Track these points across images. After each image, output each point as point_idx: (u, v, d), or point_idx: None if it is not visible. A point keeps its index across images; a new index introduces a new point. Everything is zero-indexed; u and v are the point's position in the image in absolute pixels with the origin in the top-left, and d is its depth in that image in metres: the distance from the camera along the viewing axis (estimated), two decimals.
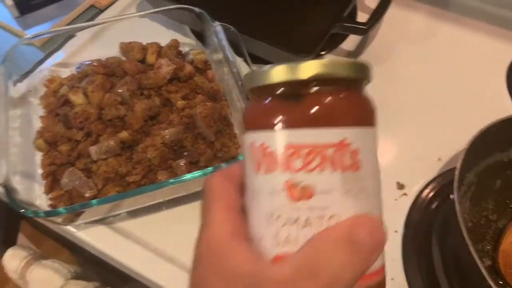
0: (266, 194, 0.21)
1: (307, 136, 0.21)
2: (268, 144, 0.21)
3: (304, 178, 0.21)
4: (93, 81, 0.49)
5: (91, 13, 0.64)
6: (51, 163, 0.45)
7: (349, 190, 0.21)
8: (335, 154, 0.21)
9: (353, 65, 0.22)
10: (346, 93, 0.22)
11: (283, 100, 0.22)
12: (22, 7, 0.60)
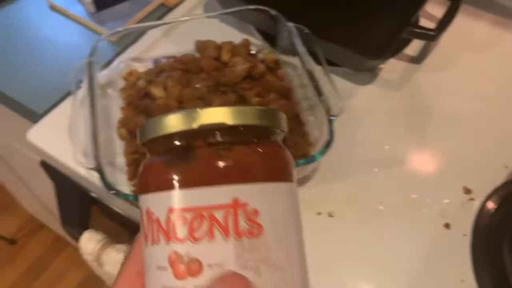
0: (154, 270, 0.18)
1: (191, 198, 0.18)
2: (152, 210, 0.18)
3: (189, 249, 0.17)
4: (171, 76, 0.52)
5: (161, 11, 0.66)
6: (134, 151, 0.48)
7: (247, 262, 0.17)
8: (227, 218, 0.17)
9: (257, 112, 0.19)
10: (244, 144, 0.19)
11: (166, 156, 0.19)
12: (99, 3, 0.63)
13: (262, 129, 0.19)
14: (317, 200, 0.48)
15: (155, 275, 0.18)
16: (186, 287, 0.17)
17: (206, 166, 0.18)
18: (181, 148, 0.19)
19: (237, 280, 0.17)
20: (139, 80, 0.55)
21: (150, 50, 0.61)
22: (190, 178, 0.18)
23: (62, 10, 0.66)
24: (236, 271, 0.17)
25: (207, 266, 0.17)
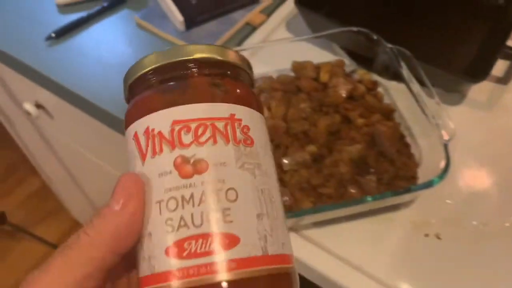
0: (156, 179, 0.20)
1: (194, 111, 0.20)
2: (153, 127, 0.20)
3: (196, 152, 0.20)
4: (272, 97, 0.53)
5: (246, 30, 0.68)
6: None
7: (245, 163, 0.20)
8: (226, 127, 0.20)
9: (238, 56, 0.23)
10: (230, 77, 0.22)
11: (166, 82, 0.21)
12: (189, 23, 0.65)
13: (242, 70, 0.23)
14: (424, 222, 0.49)
15: (158, 183, 0.20)
16: (194, 184, 0.19)
17: (206, 88, 0.21)
18: (176, 78, 0.21)
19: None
20: None
21: None
22: (193, 96, 0.21)
23: (149, 28, 0.68)
24: (237, 169, 0.20)
25: (213, 165, 0.20)
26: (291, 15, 0.71)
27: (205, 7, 0.66)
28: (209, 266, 0.18)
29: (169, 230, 0.19)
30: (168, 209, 0.19)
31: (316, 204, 0.46)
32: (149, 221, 0.20)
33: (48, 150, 0.97)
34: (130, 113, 0.22)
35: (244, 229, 0.19)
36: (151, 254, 0.19)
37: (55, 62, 0.65)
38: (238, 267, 0.19)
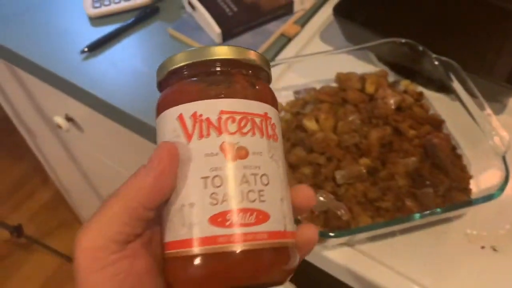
0: (201, 158, 0.23)
1: (240, 105, 0.24)
2: (201, 113, 0.23)
3: (239, 140, 0.23)
4: (320, 108, 0.53)
5: (281, 41, 0.68)
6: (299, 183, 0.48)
7: (273, 155, 0.24)
8: (262, 123, 0.24)
9: (266, 61, 0.26)
10: (261, 79, 0.26)
11: (217, 74, 0.24)
12: (225, 35, 0.65)
13: (268, 73, 0.27)
14: (478, 234, 0.48)
15: (203, 161, 0.23)
16: (236, 166, 0.23)
17: (247, 86, 0.24)
18: (222, 73, 0.24)
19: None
20: (281, 111, 0.56)
21: (278, 81, 0.62)
22: (238, 92, 0.24)
23: (183, 39, 0.67)
24: (268, 159, 0.24)
25: (252, 153, 0.23)
26: (325, 25, 0.71)
27: (241, 19, 0.65)
28: (248, 235, 0.22)
29: (214, 202, 0.22)
30: (214, 185, 0.22)
31: (374, 218, 0.46)
32: (192, 193, 0.23)
33: (71, 162, 0.96)
34: (174, 96, 0.25)
35: (273, 209, 0.23)
36: (192, 221, 0.22)
37: (89, 74, 0.64)
38: (269, 237, 0.22)
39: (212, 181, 0.22)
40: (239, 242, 0.22)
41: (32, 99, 0.82)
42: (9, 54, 0.68)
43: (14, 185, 1.65)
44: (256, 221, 0.22)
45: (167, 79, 0.26)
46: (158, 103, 0.26)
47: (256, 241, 0.22)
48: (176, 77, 0.25)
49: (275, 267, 0.23)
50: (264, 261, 0.22)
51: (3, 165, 1.70)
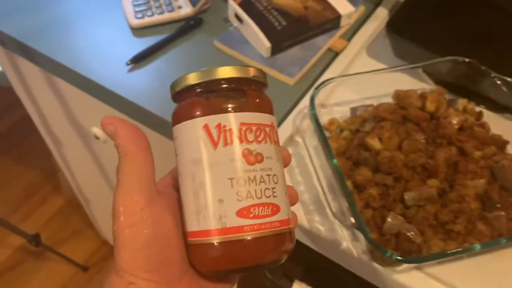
0: (227, 163, 0.27)
1: (254, 118, 0.28)
2: (224, 124, 0.27)
3: (256, 147, 0.28)
4: (382, 127, 0.52)
5: (329, 56, 0.67)
6: (366, 206, 0.47)
7: (279, 158, 0.29)
8: (270, 132, 0.29)
9: (264, 73, 0.30)
10: (264, 93, 0.30)
11: (234, 90, 0.28)
12: (274, 49, 0.64)
13: (266, 86, 0.31)
14: None
15: (229, 165, 0.27)
16: (255, 169, 0.27)
17: (258, 100, 0.29)
18: (238, 90, 0.29)
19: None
20: (339, 128, 0.55)
21: (330, 97, 0.61)
22: (252, 106, 0.28)
23: (230, 53, 0.66)
24: (276, 161, 0.29)
25: (266, 158, 0.28)
26: (370, 40, 0.70)
27: (289, 33, 0.65)
28: (267, 224, 0.27)
29: (240, 199, 0.27)
30: (239, 184, 0.27)
31: (446, 241, 0.45)
32: (220, 191, 0.27)
33: (99, 172, 0.95)
34: (198, 109, 0.28)
35: (282, 202, 0.28)
36: (222, 214, 0.27)
37: (133, 85, 0.63)
38: (281, 225, 0.28)
39: (237, 181, 0.27)
40: (260, 230, 0.27)
41: (66, 108, 0.81)
42: (49, 63, 0.67)
43: (26, 192, 1.63)
44: (271, 213, 0.27)
45: (187, 92, 0.29)
46: (177, 112, 0.29)
47: (272, 228, 0.27)
48: (196, 91, 0.29)
49: (284, 249, 0.28)
50: (279, 244, 0.28)
51: (14, 172, 1.67)
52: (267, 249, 0.28)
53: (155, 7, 0.71)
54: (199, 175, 0.28)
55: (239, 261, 0.27)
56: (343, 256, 0.48)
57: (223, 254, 0.27)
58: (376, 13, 0.74)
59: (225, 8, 0.71)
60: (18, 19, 0.70)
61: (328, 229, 0.49)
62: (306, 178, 0.53)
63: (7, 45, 0.72)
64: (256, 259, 0.28)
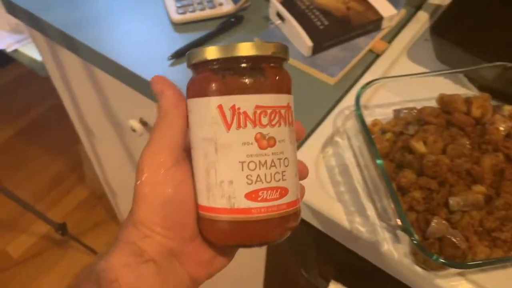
0: (239, 146, 0.27)
1: (270, 100, 0.27)
2: (239, 106, 0.27)
3: (269, 131, 0.27)
4: (426, 130, 0.51)
5: (370, 57, 0.66)
6: (409, 209, 0.47)
7: (292, 139, 0.29)
8: (286, 114, 0.28)
9: (285, 48, 0.29)
10: (283, 69, 0.29)
11: (252, 69, 0.28)
12: (316, 48, 0.64)
13: (287, 61, 0.30)
14: None
15: (241, 148, 0.27)
16: (267, 154, 0.27)
17: (275, 81, 0.28)
18: (254, 68, 0.27)
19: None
20: (381, 130, 0.55)
21: (372, 98, 0.61)
22: (269, 88, 0.27)
23: None
24: (289, 144, 0.28)
25: (278, 141, 0.28)
26: (411, 42, 0.69)
27: (331, 32, 0.65)
28: (273, 207, 0.28)
29: (249, 182, 0.27)
30: (249, 168, 0.27)
31: (492, 249, 0.44)
32: (231, 173, 0.27)
33: (130, 164, 0.96)
34: (213, 86, 0.27)
35: (291, 184, 0.29)
36: (231, 195, 0.27)
37: (174, 79, 0.64)
38: (287, 207, 0.28)
39: (248, 165, 0.27)
40: (266, 212, 0.28)
41: (104, 100, 0.82)
42: (91, 54, 0.68)
43: (52, 181, 1.66)
44: (279, 196, 0.28)
45: (203, 66, 0.28)
46: (192, 86, 0.29)
47: (279, 211, 0.28)
48: (213, 67, 0.28)
49: (289, 227, 0.29)
50: (284, 224, 0.29)
51: (42, 161, 1.71)
52: (272, 230, 0.28)
53: (197, 3, 0.71)
54: (210, 155, 0.28)
55: (243, 239, 0.29)
56: (384, 258, 0.48)
57: (229, 232, 0.28)
58: (417, 16, 0.73)
59: (265, 6, 0.71)
60: (63, 11, 0.71)
61: (369, 230, 0.48)
62: (346, 179, 0.53)
63: (50, 35, 0.73)
64: (260, 239, 0.29)
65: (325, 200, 0.51)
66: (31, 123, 1.83)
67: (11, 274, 1.43)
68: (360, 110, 0.50)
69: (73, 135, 1.18)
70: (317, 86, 0.62)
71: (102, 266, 0.26)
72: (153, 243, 0.28)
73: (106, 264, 0.26)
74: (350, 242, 0.51)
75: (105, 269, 0.26)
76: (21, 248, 1.49)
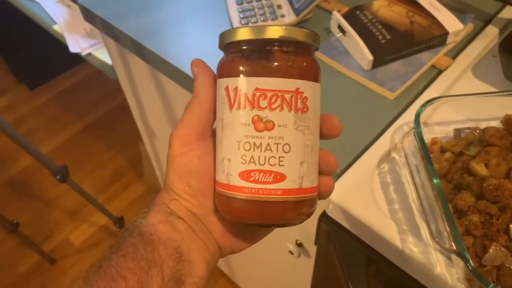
0: (238, 126, 0.28)
1: (272, 83, 0.28)
2: (240, 88, 0.28)
3: (268, 115, 0.28)
4: (489, 152, 0.50)
5: (432, 73, 0.65)
6: (465, 232, 0.46)
7: (299, 126, 0.28)
8: (291, 99, 0.28)
9: (307, 33, 0.28)
10: (301, 54, 0.29)
11: (253, 54, 0.28)
12: (376, 62, 0.63)
13: (311, 46, 0.29)
14: None
15: (239, 129, 0.28)
16: (263, 136, 0.28)
17: (283, 65, 0.28)
18: (262, 50, 0.28)
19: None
20: (440, 149, 0.54)
21: (433, 115, 0.59)
22: (272, 71, 0.28)
23: (330, 63, 0.67)
24: (293, 130, 0.28)
25: (277, 126, 0.28)
26: (477, 59, 0.67)
27: (393, 47, 0.64)
28: (265, 190, 0.28)
29: (243, 162, 0.28)
30: (244, 148, 0.28)
31: None
32: (230, 151, 0.29)
33: None
34: (223, 69, 0.29)
35: (290, 171, 0.29)
36: (229, 172, 0.29)
37: None
38: (282, 193, 0.29)
39: (243, 145, 0.28)
40: (257, 194, 0.28)
41: (166, 103, 0.86)
42: (158, 61, 0.72)
43: (113, 176, 1.76)
44: (273, 181, 0.28)
45: (226, 48, 0.30)
46: (217, 67, 0.31)
47: (271, 195, 0.28)
48: (229, 49, 0.30)
49: (288, 216, 0.29)
50: (277, 211, 0.29)
51: (105, 157, 1.81)
52: (265, 213, 0.29)
53: (259, 14, 0.73)
54: (219, 132, 0.30)
55: (237, 216, 0.30)
56: (436, 281, 0.47)
57: (225, 206, 0.30)
58: (485, 31, 0.70)
59: (326, 19, 0.71)
60: (134, 19, 0.76)
61: (422, 251, 0.48)
62: (401, 197, 0.52)
63: (121, 41, 0.78)
64: (252, 219, 0.30)
65: (378, 217, 0.50)
66: (98, 120, 1.94)
67: (72, 260, 1.53)
68: (419, 128, 0.49)
69: (135, 134, 1.24)
70: (376, 100, 0.62)
71: (143, 223, 0.31)
72: (180, 206, 0.31)
73: (144, 221, 0.31)
74: (402, 261, 0.50)
75: (145, 225, 0.30)
76: (82, 237, 1.58)
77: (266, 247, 0.83)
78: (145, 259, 0.29)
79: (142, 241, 0.29)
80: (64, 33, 1.01)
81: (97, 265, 0.29)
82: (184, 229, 0.31)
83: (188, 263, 0.30)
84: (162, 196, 0.32)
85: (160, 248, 0.29)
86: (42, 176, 1.71)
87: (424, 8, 0.68)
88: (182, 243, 0.30)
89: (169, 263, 0.29)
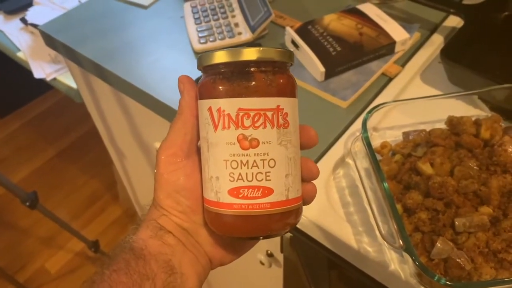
0: (224, 145, 0.29)
1: (254, 103, 0.29)
2: (224, 108, 0.29)
3: (252, 133, 0.29)
4: (434, 152, 0.52)
5: (383, 81, 0.68)
6: (415, 229, 0.48)
7: (282, 141, 0.30)
8: (273, 116, 0.29)
9: (281, 51, 0.30)
10: (278, 72, 0.30)
11: (234, 75, 0.29)
12: (328, 73, 0.66)
13: (287, 64, 0.31)
14: None
15: (225, 148, 0.30)
16: (249, 154, 0.29)
17: (262, 84, 0.29)
18: (242, 71, 0.29)
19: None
20: (391, 152, 0.56)
21: (383, 120, 0.62)
22: (253, 91, 0.29)
23: None
24: (277, 145, 0.30)
25: (262, 143, 0.29)
26: (425, 66, 0.71)
27: (344, 58, 0.67)
28: (254, 205, 0.30)
29: (231, 179, 0.30)
30: (231, 167, 0.30)
31: (498, 270, 0.44)
32: (217, 170, 0.30)
33: None
34: (205, 90, 0.30)
35: (277, 185, 0.30)
36: (217, 190, 0.30)
37: None
38: (271, 206, 0.30)
39: (230, 163, 0.29)
40: (247, 209, 0.30)
41: (132, 124, 0.87)
42: (120, 82, 0.73)
43: (88, 201, 1.74)
44: (262, 195, 0.30)
45: (206, 70, 0.31)
46: (198, 87, 0.32)
47: (261, 209, 0.30)
48: (208, 71, 0.31)
49: (275, 226, 0.31)
50: (267, 223, 0.30)
51: (79, 182, 1.79)
52: (254, 226, 0.30)
53: (217, 33, 0.76)
54: (205, 152, 0.31)
55: (228, 230, 0.31)
56: (391, 278, 0.49)
57: (215, 222, 0.31)
58: (432, 39, 0.74)
59: (281, 34, 0.74)
60: (94, 43, 0.77)
61: (377, 250, 0.50)
62: (356, 200, 0.55)
63: (83, 65, 0.79)
64: (243, 233, 0.31)
65: (334, 220, 0.52)
66: (70, 145, 1.93)
67: None
68: (366, 133, 0.52)
69: (109, 157, 1.24)
70: (330, 109, 0.65)
71: (133, 238, 0.32)
72: (169, 221, 0.32)
73: (135, 236, 0.32)
74: (359, 261, 0.52)
75: (135, 240, 0.31)
76: (58, 264, 1.55)
77: (238, 260, 0.84)
78: (138, 273, 0.29)
79: (133, 256, 0.30)
80: (28, 59, 1.02)
81: (89, 280, 0.29)
82: (174, 243, 0.32)
83: (180, 275, 0.31)
84: (151, 212, 0.33)
85: (152, 262, 0.30)
86: (14, 205, 1.68)
87: (372, 20, 0.72)
88: (173, 256, 0.31)
89: (161, 276, 0.30)
